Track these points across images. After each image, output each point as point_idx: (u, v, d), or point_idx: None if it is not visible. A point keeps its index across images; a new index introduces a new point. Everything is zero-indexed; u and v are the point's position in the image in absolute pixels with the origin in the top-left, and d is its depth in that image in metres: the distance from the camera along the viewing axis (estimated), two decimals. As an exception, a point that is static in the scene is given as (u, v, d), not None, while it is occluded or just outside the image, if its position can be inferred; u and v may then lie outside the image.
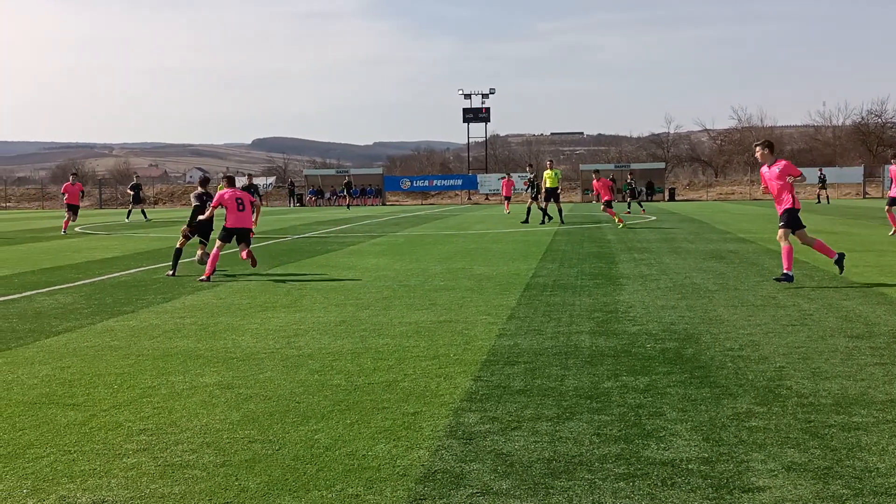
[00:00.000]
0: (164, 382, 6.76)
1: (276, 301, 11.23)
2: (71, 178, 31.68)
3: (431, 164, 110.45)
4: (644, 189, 38.62)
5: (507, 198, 42.80)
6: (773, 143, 12.66)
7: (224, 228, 14.36)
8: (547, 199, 30.81)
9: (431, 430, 5.35)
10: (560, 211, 30.98)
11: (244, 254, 14.50)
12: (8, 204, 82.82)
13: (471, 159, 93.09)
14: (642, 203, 38.28)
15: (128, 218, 39.12)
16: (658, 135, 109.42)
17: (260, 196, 28.61)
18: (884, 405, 5.76)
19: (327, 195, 72.77)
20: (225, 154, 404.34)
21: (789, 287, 11.68)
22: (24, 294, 12.32)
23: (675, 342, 8.01)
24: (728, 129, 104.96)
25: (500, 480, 4.46)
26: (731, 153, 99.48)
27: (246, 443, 5.17)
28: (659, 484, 4.39)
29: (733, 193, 74.89)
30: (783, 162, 12.15)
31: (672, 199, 68.87)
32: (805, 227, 12.25)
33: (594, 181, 29.24)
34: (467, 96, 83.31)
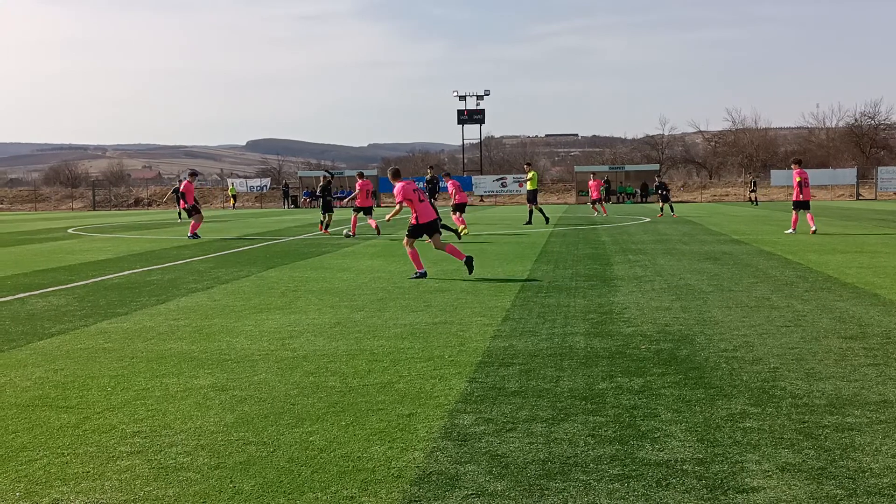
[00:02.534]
0: (159, 385, 6.75)
1: (270, 303, 11.21)
2: (189, 178, 27.82)
3: (426, 166, 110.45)
4: (661, 189, 38.60)
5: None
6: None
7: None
8: (531, 201, 31.71)
9: (426, 432, 5.35)
10: (541, 210, 31.73)
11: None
12: (0, 205, 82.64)
13: (465, 161, 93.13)
14: (672, 205, 38.16)
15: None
16: (652, 136, 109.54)
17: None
18: (877, 406, 5.77)
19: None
20: (219, 156, 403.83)
21: (783, 288, 11.71)
22: (16, 296, 12.29)
23: (669, 343, 8.02)
24: (722, 130, 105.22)
25: (496, 482, 4.46)
26: (726, 155, 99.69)
27: (240, 445, 5.16)
28: (654, 485, 4.39)
29: (727, 195, 75.00)
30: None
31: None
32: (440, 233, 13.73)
33: (590, 182, 29.85)
34: (462, 98, 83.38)
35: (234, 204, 76.14)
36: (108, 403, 6.20)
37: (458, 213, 25.97)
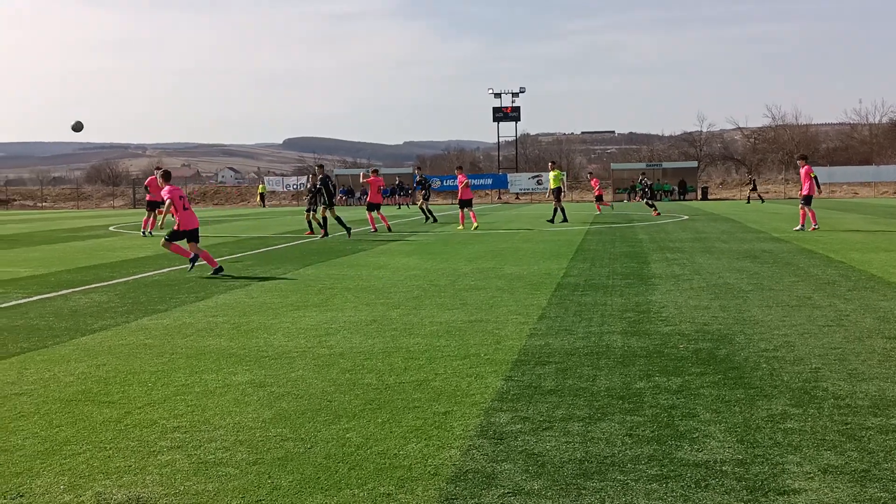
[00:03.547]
0: (198, 380, 6.82)
1: (307, 300, 11.28)
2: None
3: (461, 164, 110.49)
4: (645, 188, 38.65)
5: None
6: None
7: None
8: (556, 198, 31.51)
9: (462, 430, 5.35)
10: (562, 210, 31.34)
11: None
12: (44, 204, 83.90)
13: (501, 158, 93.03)
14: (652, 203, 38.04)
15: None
16: (690, 133, 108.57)
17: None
18: (922, 407, 5.67)
19: (357, 195, 72.91)
20: (256, 154, 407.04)
21: (825, 287, 11.55)
22: (60, 292, 12.47)
23: (708, 343, 7.94)
24: (762, 127, 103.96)
25: (532, 481, 4.45)
26: (766, 152, 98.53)
27: (278, 441, 5.19)
28: (692, 485, 4.35)
29: (767, 192, 74.20)
30: None
31: (705, 198, 68.40)
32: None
33: (592, 180, 30.24)
34: (497, 95, 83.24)
35: (263, 203, 75.96)
36: (148, 399, 6.27)
37: (464, 209, 27.61)
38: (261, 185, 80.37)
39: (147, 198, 27.44)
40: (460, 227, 28.13)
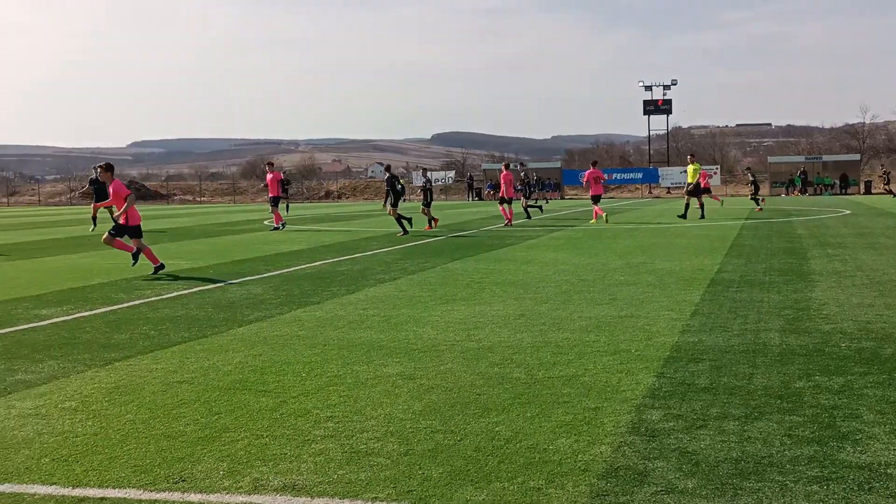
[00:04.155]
0: (350, 372, 6.96)
1: (455, 294, 11.35)
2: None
3: (611, 158, 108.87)
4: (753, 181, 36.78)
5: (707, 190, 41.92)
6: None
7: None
8: (692, 193, 30.09)
9: (613, 426, 5.25)
10: (691, 206, 29.77)
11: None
12: (202, 198, 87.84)
13: (651, 152, 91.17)
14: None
15: (287, 212, 40.68)
16: (852, 125, 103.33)
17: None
18: None
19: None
20: (405, 149, 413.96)
21: None
22: (218, 285, 13.01)
23: (872, 342, 7.54)
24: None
25: (685, 479, 4.32)
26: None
27: (428, 433, 5.24)
28: (855, 488, 4.14)
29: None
30: None
31: (868, 192, 64.99)
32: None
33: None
34: (648, 88, 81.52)
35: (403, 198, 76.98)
36: (302, 388, 6.45)
37: (504, 205, 28.30)
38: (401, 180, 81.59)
39: (270, 194, 28.60)
40: (593, 220, 28.37)
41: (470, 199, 73.45)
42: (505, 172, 28.74)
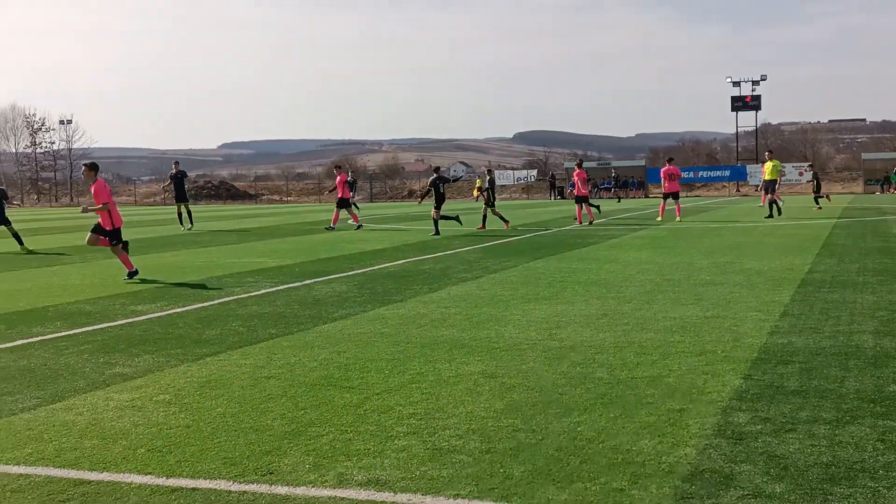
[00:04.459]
0: (432, 369, 7.01)
1: (537, 293, 11.32)
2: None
3: (697, 155, 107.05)
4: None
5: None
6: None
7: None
8: (766, 191, 29.23)
9: (698, 428, 5.18)
10: (774, 204, 28.42)
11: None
12: (288, 198, 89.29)
13: (739, 149, 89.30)
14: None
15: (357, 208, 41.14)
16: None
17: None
18: None
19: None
20: (487, 148, 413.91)
21: None
22: (304, 282, 13.23)
23: (975, 345, 7.25)
24: None
25: (773, 483, 4.24)
26: None
27: (510, 431, 5.24)
28: (957, 500, 3.99)
29: None
30: None
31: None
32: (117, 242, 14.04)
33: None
34: (736, 84, 79.85)
35: (477, 197, 76.37)
36: (385, 385, 6.52)
37: (580, 205, 28.23)
38: (479, 180, 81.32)
39: (339, 195, 28.93)
40: (659, 218, 28.42)
41: (552, 197, 73.03)
42: (578, 171, 28.84)
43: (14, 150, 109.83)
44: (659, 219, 28.13)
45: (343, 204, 28.93)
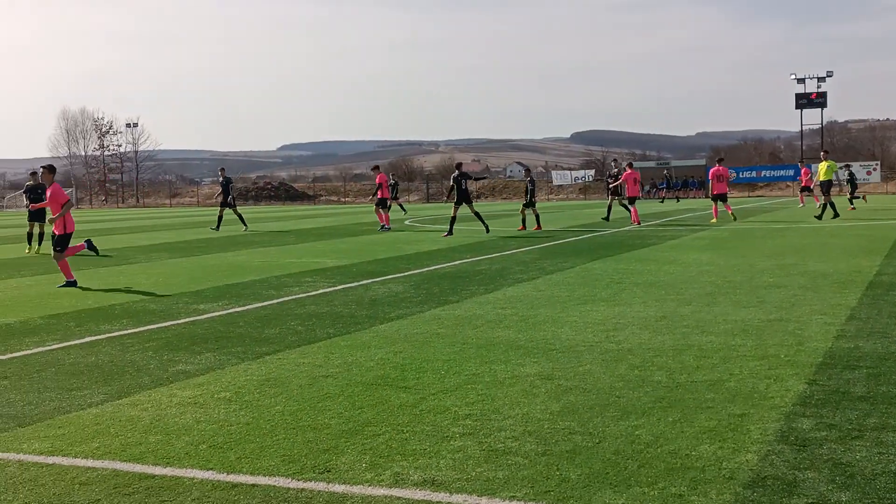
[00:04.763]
0: (488, 370, 6.99)
1: (594, 294, 11.23)
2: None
3: (759, 154, 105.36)
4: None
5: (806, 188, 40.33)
6: None
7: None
8: (824, 192, 28.15)
9: (760, 434, 5.08)
10: (832, 204, 27.43)
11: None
12: (345, 199, 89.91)
13: (804, 148, 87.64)
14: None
15: (404, 212, 41.42)
16: None
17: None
18: None
19: (647, 188, 71.79)
20: (544, 148, 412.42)
21: None
22: (361, 282, 13.30)
23: None
24: None
25: (839, 492, 4.13)
26: None
27: (566, 434, 5.20)
28: None
29: None
30: None
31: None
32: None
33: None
34: (800, 81, 78.34)
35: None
36: (441, 386, 6.52)
37: (632, 205, 28.53)
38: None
39: (379, 195, 29.06)
40: (714, 220, 27.84)
41: (609, 198, 72.46)
42: (629, 171, 29.13)
43: (83, 153, 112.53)
44: (713, 220, 27.66)
45: (381, 204, 29.10)
